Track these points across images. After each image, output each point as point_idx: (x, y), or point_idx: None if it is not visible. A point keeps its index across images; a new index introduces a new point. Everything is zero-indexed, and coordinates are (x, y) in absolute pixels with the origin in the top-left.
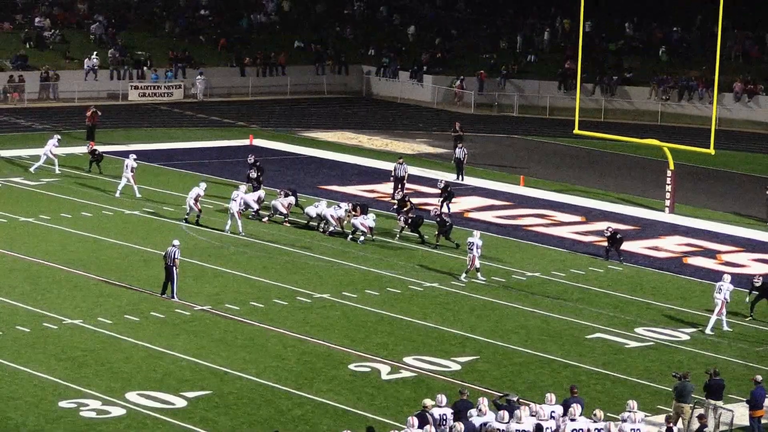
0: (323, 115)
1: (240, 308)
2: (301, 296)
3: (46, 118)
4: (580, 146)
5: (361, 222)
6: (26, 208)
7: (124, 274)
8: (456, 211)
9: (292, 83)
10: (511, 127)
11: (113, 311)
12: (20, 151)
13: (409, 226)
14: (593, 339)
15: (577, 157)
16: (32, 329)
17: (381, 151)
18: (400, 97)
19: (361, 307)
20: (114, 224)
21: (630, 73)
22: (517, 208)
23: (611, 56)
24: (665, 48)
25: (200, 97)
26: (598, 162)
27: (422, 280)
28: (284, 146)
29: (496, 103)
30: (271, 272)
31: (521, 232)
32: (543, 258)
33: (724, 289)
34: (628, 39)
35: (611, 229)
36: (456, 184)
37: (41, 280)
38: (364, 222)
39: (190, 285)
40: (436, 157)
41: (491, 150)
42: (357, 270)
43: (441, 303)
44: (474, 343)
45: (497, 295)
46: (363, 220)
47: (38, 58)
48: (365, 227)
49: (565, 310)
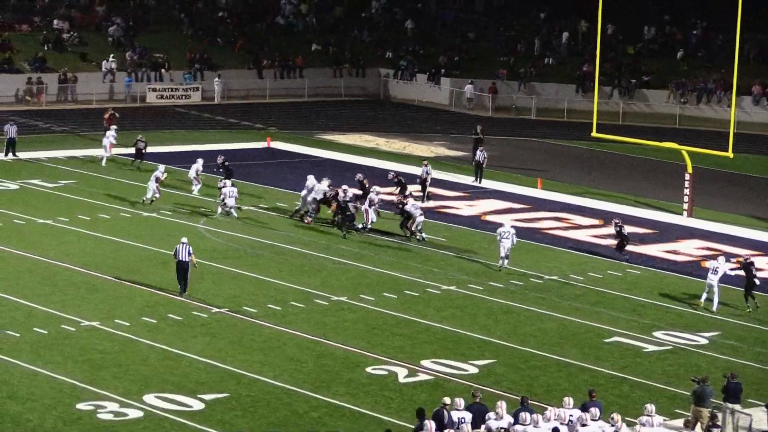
0: (341, 117)
1: (257, 310)
2: (318, 299)
3: (65, 120)
4: (598, 149)
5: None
6: (44, 210)
7: (141, 276)
8: (474, 214)
9: (310, 86)
10: (528, 130)
11: (131, 313)
12: (39, 153)
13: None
14: (611, 343)
15: (596, 160)
16: (50, 331)
17: (399, 153)
18: (418, 100)
19: (378, 309)
20: (132, 226)
21: (648, 76)
22: (534, 211)
23: (630, 59)
24: (684, 51)
25: (218, 99)
26: (616, 165)
27: (439, 282)
28: (302, 149)
29: (514, 106)
30: (289, 275)
31: (539, 234)
32: (561, 261)
33: (720, 270)
34: (647, 42)
35: (619, 223)
36: (474, 187)
37: (59, 281)
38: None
39: (208, 287)
40: (455, 160)
41: (509, 153)
42: (374, 272)
43: (458, 306)
44: (491, 346)
45: (515, 298)
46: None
47: (56, 60)
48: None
49: (582, 314)
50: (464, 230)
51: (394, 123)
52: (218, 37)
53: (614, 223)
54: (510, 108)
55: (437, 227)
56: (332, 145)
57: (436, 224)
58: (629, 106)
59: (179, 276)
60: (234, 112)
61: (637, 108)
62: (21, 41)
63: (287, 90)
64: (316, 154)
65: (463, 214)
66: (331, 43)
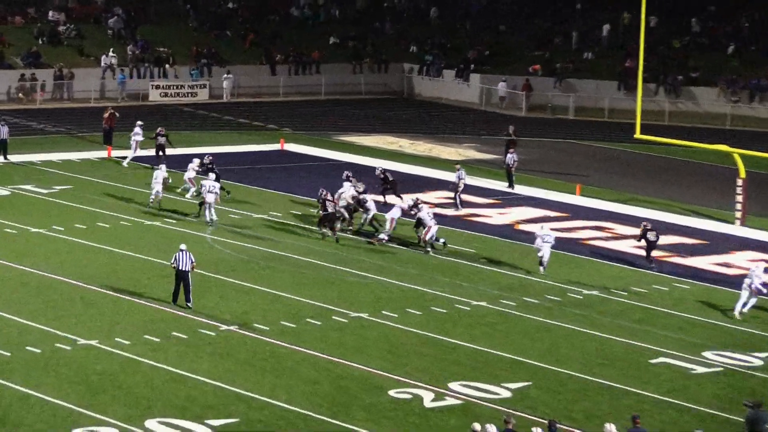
0: (361, 117)
1: (269, 328)
2: (336, 315)
3: (60, 120)
4: (641, 152)
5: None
6: (38, 218)
7: (143, 290)
8: (506, 223)
9: (327, 83)
10: (566, 131)
11: (132, 331)
12: (32, 156)
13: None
14: (657, 364)
15: (639, 164)
16: (44, 350)
17: (424, 156)
18: (445, 98)
19: (401, 327)
20: (133, 236)
21: (696, 73)
22: (572, 219)
23: (676, 53)
24: (734, 45)
25: (227, 97)
26: (662, 169)
27: (469, 298)
28: (318, 151)
29: (550, 105)
30: (304, 289)
31: (577, 245)
32: (601, 274)
33: (755, 277)
34: (694, 35)
35: (647, 226)
36: (506, 193)
37: (54, 296)
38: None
39: (215, 302)
40: (486, 164)
41: (544, 156)
42: (397, 287)
43: (489, 323)
44: (526, 367)
45: (551, 315)
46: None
47: (52, 54)
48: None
49: (625, 332)
50: (496, 240)
51: (419, 123)
52: (227, 30)
53: (642, 226)
54: (545, 107)
55: (466, 237)
56: (351, 147)
57: (465, 234)
58: (675, 104)
59: (177, 287)
60: (244, 112)
61: (684, 107)
62: (13, 34)
63: (302, 87)
64: (334, 157)
65: (495, 223)
66: (350, 36)
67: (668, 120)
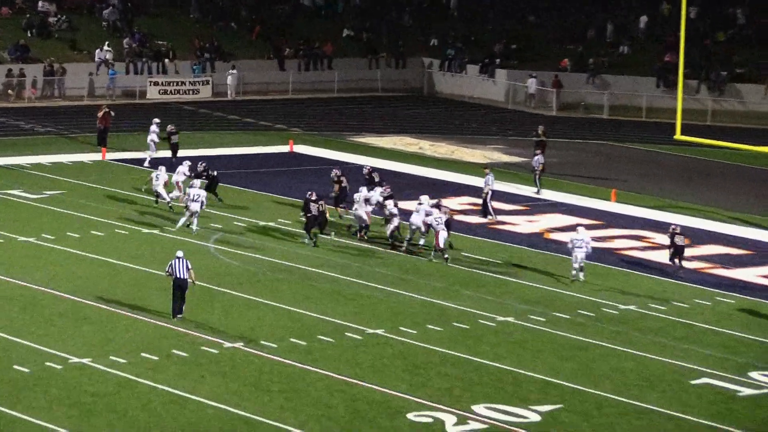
0: (377, 116)
1: (278, 345)
2: (350, 332)
3: (50, 120)
4: (682, 154)
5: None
6: (26, 226)
7: (141, 304)
8: (535, 231)
9: (341, 79)
10: (600, 132)
11: (128, 348)
12: (20, 159)
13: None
14: (700, 385)
15: (679, 168)
16: (32, 369)
17: (446, 159)
18: (469, 96)
19: (421, 345)
20: (130, 245)
21: (742, 68)
22: (607, 228)
23: (720, 48)
24: None
25: (232, 94)
26: (704, 173)
27: (495, 313)
28: (330, 153)
29: (583, 103)
30: (315, 303)
31: (613, 256)
32: (639, 288)
33: None
34: (740, 27)
35: (676, 229)
36: (535, 199)
37: (43, 310)
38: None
39: (219, 317)
40: (513, 167)
41: (576, 159)
42: (417, 300)
43: (517, 341)
44: (557, 389)
45: (585, 332)
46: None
47: (41, 48)
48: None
49: (665, 350)
50: (524, 250)
51: (440, 123)
52: (232, 21)
53: (670, 230)
54: (577, 105)
55: (492, 247)
56: (367, 149)
57: (490, 243)
58: (719, 103)
59: (175, 297)
60: (250, 110)
61: (729, 105)
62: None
63: (313, 84)
64: (348, 160)
65: (522, 231)
66: (365, 28)
67: (711, 120)
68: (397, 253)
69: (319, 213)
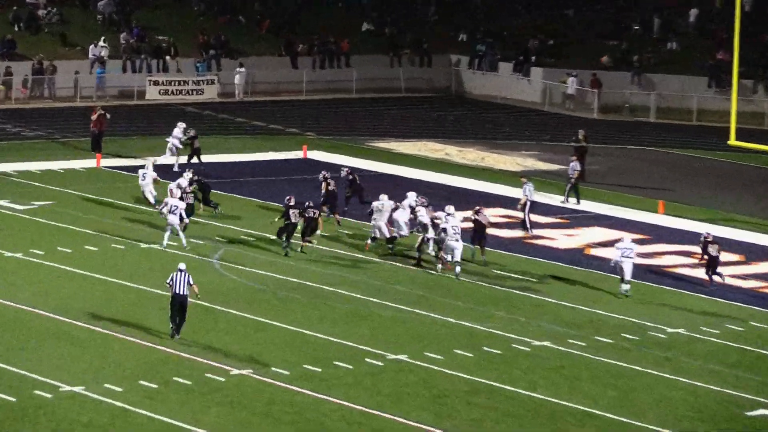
0: (399, 119)
1: (290, 372)
2: (369, 357)
3: (39, 123)
4: (737, 162)
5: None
6: (13, 240)
7: (139, 326)
8: (575, 247)
9: (359, 78)
10: (646, 136)
11: (124, 375)
12: (6, 166)
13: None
14: (756, 417)
15: (734, 176)
16: (19, 398)
17: (475, 166)
18: (500, 96)
19: (448, 371)
20: (126, 261)
21: None
22: (655, 242)
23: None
24: None
25: (239, 95)
26: (761, 182)
27: (529, 336)
28: (348, 160)
29: (627, 105)
30: (331, 325)
31: (660, 274)
32: (689, 309)
33: None
34: None
35: (708, 237)
36: (575, 211)
37: (31, 333)
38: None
39: (225, 340)
40: (550, 175)
41: (620, 166)
42: (443, 322)
43: (553, 367)
44: (597, 420)
45: (628, 358)
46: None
47: (30, 44)
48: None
49: (718, 378)
50: (562, 267)
51: (469, 127)
52: (239, 15)
53: (702, 238)
54: (621, 107)
55: (527, 263)
56: (388, 155)
57: (524, 259)
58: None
59: (173, 314)
60: (260, 113)
61: None
62: None
63: (329, 83)
64: (367, 167)
65: (560, 247)
66: (386, 22)
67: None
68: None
69: (309, 219)
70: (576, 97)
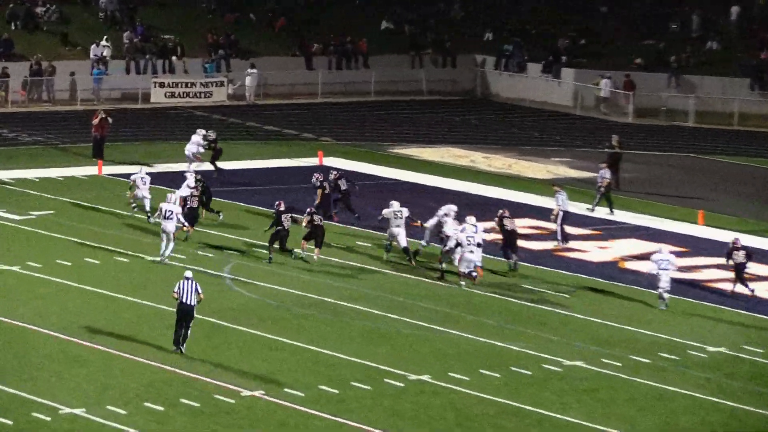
0: (421, 123)
1: (304, 394)
2: (389, 377)
3: (37, 127)
4: None
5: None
6: (10, 253)
7: (144, 344)
8: (608, 260)
9: (378, 79)
10: (684, 142)
11: (128, 396)
12: (2, 173)
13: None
14: None
15: None
16: (16, 421)
17: (502, 174)
18: (529, 99)
19: (474, 393)
20: (130, 275)
21: None
22: (694, 255)
23: None
24: None
25: (251, 98)
26: None
27: (560, 356)
28: (366, 167)
29: (664, 109)
30: (348, 343)
31: (700, 289)
32: (731, 326)
33: None
34: None
35: (737, 243)
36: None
37: (29, 352)
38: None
39: (236, 360)
40: (582, 184)
41: (657, 174)
42: (468, 341)
43: (587, 389)
44: None
45: (667, 379)
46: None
47: (27, 43)
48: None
49: (763, 401)
50: (595, 281)
51: (495, 131)
52: (250, 12)
53: (731, 244)
54: (657, 111)
55: (557, 277)
56: (409, 162)
57: (554, 273)
58: None
59: (178, 325)
60: (273, 117)
61: None
62: None
63: (347, 85)
64: (387, 175)
65: (593, 260)
66: (407, 20)
67: None
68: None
69: (316, 227)
70: (610, 100)
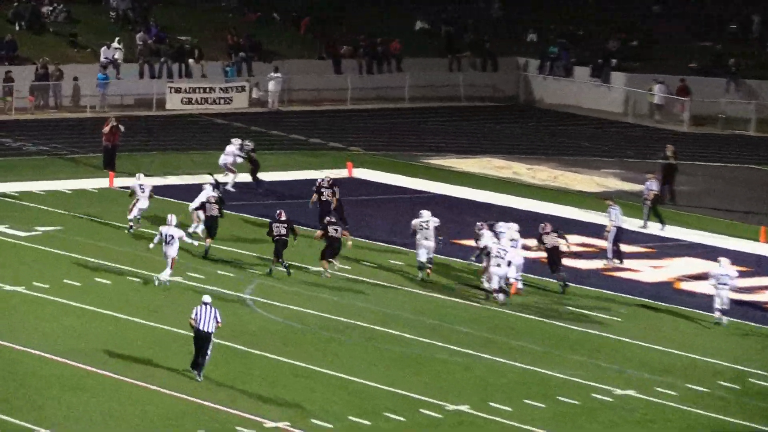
0: (459, 132)
1: (333, 425)
2: (425, 408)
3: (44, 136)
4: None
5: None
6: (14, 271)
7: (157, 370)
8: (662, 280)
9: (412, 84)
10: (745, 152)
11: (141, 427)
12: (6, 186)
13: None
14: None
15: None
16: None
17: (547, 186)
18: (576, 105)
19: (517, 425)
20: (143, 296)
21: None
22: (757, 275)
23: None
24: None
25: (274, 104)
26: None
27: (611, 384)
28: (399, 179)
29: (722, 116)
30: (380, 371)
31: (763, 312)
32: None
33: None
34: None
35: None
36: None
37: (32, 378)
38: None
39: (258, 387)
40: (634, 198)
41: (714, 187)
42: (511, 368)
43: (640, 420)
44: None
45: (727, 410)
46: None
47: (33, 46)
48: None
49: None
50: (647, 304)
51: (539, 140)
52: (274, 11)
53: None
54: (715, 119)
55: (608, 299)
56: (446, 174)
57: (605, 294)
58: None
59: (197, 352)
60: (298, 124)
61: None
62: None
63: (378, 90)
64: (421, 187)
65: (646, 280)
66: (443, 19)
67: None
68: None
69: (333, 239)
70: (664, 106)
